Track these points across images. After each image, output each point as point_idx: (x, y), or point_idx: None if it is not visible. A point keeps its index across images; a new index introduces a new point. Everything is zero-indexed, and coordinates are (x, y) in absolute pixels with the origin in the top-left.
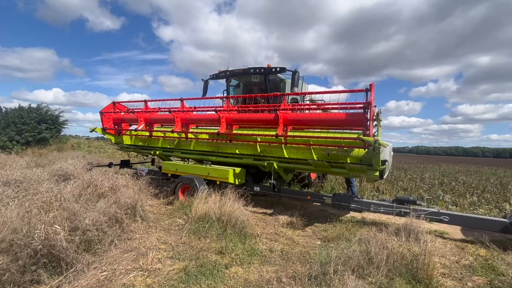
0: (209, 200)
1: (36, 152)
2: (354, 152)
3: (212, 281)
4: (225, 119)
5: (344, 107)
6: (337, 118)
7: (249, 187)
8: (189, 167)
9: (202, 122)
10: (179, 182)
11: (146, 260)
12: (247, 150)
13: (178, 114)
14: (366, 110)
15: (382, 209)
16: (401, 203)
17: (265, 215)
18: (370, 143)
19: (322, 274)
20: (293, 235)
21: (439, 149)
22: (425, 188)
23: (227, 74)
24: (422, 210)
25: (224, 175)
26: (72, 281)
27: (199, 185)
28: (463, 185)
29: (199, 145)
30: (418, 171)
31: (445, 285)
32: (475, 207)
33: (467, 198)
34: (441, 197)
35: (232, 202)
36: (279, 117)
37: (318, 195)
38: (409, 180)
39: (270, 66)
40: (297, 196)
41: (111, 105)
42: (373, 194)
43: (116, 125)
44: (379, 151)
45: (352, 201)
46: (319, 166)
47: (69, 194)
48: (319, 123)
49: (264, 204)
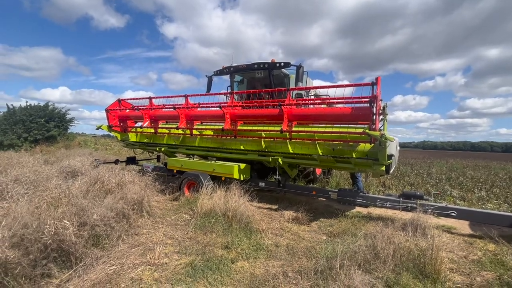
0: (214, 196)
1: (44, 149)
2: (360, 146)
3: (219, 275)
4: (229, 115)
5: (349, 101)
6: (342, 113)
7: (254, 183)
8: (194, 163)
9: (207, 118)
10: (184, 178)
11: (153, 254)
12: (252, 146)
13: (183, 110)
14: (372, 104)
15: (388, 204)
16: (407, 198)
17: (270, 211)
18: (376, 137)
19: (328, 268)
20: (298, 230)
21: (446, 144)
22: (432, 183)
23: (231, 70)
24: (429, 205)
25: (229, 171)
26: (81, 275)
27: (204, 181)
28: (471, 180)
29: (204, 141)
30: (425, 166)
31: (453, 280)
32: (484, 202)
33: (475, 193)
34: (448, 192)
35: (237, 198)
36: (284, 113)
37: (324, 190)
38: (415, 175)
39: (274, 61)
40: (302, 192)
41: (116, 102)
42: (379, 189)
43: (122, 122)
44: (385, 146)
45: (358, 196)
46: (324, 161)
47: (77, 191)
48: (324, 118)
49: (269, 200)
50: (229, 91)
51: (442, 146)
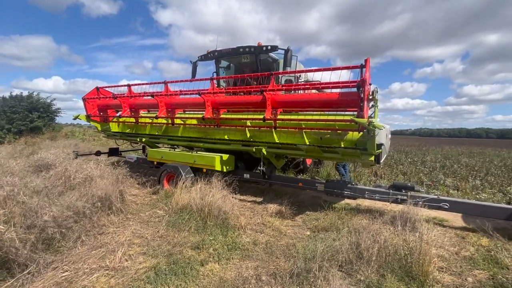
0: (192, 190)
1: (29, 141)
2: (348, 135)
3: (183, 281)
4: (210, 103)
5: (336, 86)
6: (329, 99)
7: (239, 175)
8: (175, 154)
9: (188, 107)
10: (163, 170)
11: (114, 258)
12: (236, 135)
13: (162, 98)
14: (361, 89)
15: (377, 196)
16: (398, 190)
17: (254, 204)
18: (363, 125)
19: (305, 271)
20: (281, 225)
21: (442, 131)
22: (426, 172)
23: (215, 55)
24: (421, 197)
25: (211, 162)
26: (24, 285)
27: (184, 173)
28: (466, 168)
29: (187, 131)
30: (419, 154)
31: (443, 281)
32: (478, 191)
33: (469, 181)
34: (442, 181)
35: (215, 191)
36: (267, 99)
37: (310, 181)
38: (409, 163)
39: (260, 44)
40: (288, 183)
41: (95, 90)
42: (371, 179)
43: (102, 111)
44: (374, 134)
45: (346, 188)
46: (311, 151)
47: (30, 189)
48: (310, 105)
49: (254, 192)
50: (211, 77)
51: (438, 133)
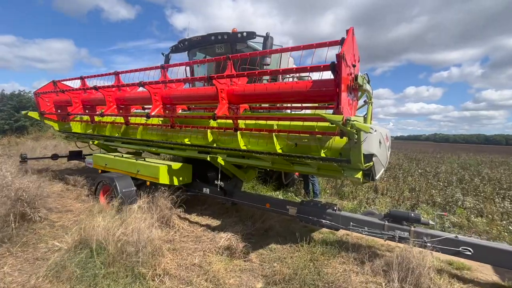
0: (113, 212)
1: (12, 141)
2: (330, 142)
3: None
4: (159, 97)
5: (303, 70)
6: (298, 89)
7: (197, 189)
8: (119, 162)
9: (138, 102)
10: (99, 181)
11: None
12: (197, 139)
13: (111, 92)
14: (336, 72)
15: (366, 229)
16: (396, 221)
17: (205, 231)
18: (336, 123)
19: None
20: (225, 269)
21: (458, 137)
22: (439, 188)
23: (185, 44)
24: (430, 235)
25: (154, 173)
26: None
27: (120, 187)
28: (489, 183)
29: (148, 133)
30: (433, 162)
31: None
32: (511, 219)
33: (496, 203)
34: (460, 202)
35: (141, 215)
36: (219, 91)
37: (280, 202)
38: (419, 175)
39: (235, 31)
40: (253, 203)
41: (51, 84)
42: (368, 197)
43: (59, 109)
44: (359, 140)
45: (325, 214)
46: (278, 163)
47: None
48: (277, 98)
49: (216, 212)
50: (161, 65)
51: (454, 139)
